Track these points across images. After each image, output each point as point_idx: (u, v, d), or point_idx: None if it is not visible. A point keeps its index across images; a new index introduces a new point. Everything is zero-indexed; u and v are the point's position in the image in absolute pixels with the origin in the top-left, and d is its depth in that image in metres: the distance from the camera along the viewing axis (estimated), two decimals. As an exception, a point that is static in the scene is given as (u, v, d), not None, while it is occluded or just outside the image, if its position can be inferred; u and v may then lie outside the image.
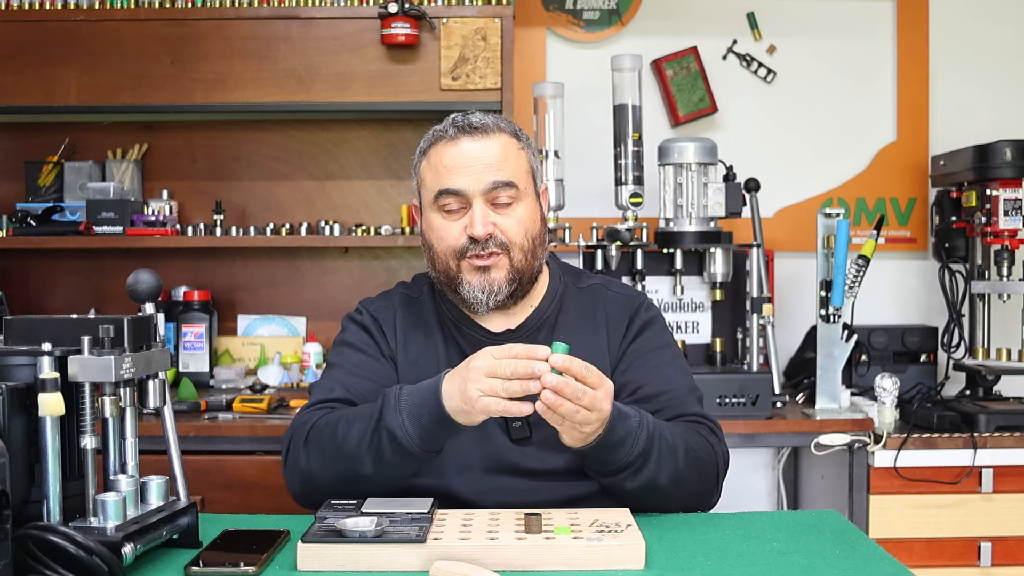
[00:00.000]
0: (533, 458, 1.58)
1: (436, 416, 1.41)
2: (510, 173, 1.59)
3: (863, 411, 2.56)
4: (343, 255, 3.13)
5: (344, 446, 1.47)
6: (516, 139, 1.64)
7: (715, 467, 1.57)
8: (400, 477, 1.49)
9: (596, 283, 1.73)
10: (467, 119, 1.62)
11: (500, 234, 1.58)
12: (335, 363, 1.67)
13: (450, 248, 1.59)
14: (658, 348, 1.67)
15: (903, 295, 3.18)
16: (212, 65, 2.76)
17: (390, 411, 1.44)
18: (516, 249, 1.59)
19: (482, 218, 1.57)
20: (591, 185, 2.94)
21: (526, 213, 1.61)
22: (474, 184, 1.57)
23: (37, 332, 1.30)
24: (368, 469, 1.45)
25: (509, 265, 1.59)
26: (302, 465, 1.52)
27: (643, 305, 1.71)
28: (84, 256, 3.05)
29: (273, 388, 2.81)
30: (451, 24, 2.75)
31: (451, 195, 1.58)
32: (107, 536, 1.17)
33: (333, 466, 1.49)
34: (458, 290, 1.60)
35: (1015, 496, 2.48)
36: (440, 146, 1.61)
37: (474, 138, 1.60)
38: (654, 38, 3.14)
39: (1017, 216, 2.65)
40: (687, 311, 2.86)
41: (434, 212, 1.62)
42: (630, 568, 1.24)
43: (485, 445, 1.58)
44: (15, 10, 2.76)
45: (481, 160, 1.58)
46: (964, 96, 3.17)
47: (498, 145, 1.60)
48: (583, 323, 1.67)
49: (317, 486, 1.51)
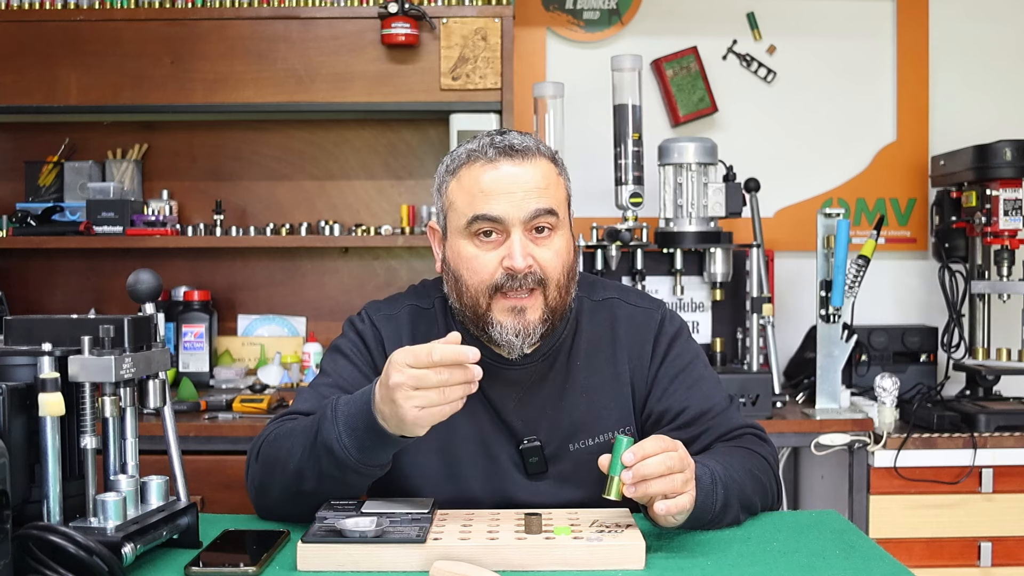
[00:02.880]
0: (546, 493, 1.53)
1: (370, 426, 1.31)
2: (551, 200, 1.47)
3: (863, 411, 2.56)
4: (343, 255, 3.13)
5: (288, 462, 1.40)
6: (555, 164, 1.53)
7: (773, 478, 1.56)
8: (348, 491, 1.40)
9: (612, 296, 1.63)
10: (507, 140, 1.48)
11: (538, 269, 1.46)
12: (325, 371, 1.59)
13: (482, 283, 1.46)
14: (689, 365, 1.60)
15: (903, 295, 3.18)
16: (212, 65, 2.76)
17: (327, 423, 1.35)
18: (552, 286, 1.47)
19: (522, 249, 1.44)
20: (591, 185, 2.93)
21: (563, 245, 1.49)
22: (515, 211, 1.44)
23: (37, 332, 1.30)
24: (311, 484, 1.38)
25: (544, 305, 1.47)
26: (254, 478, 1.48)
27: (665, 319, 1.62)
28: (84, 256, 3.05)
29: (273, 388, 2.81)
30: (451, 24, 2.75)
31: (488, 221, 1.45)
32: (107, 536, 1.17)
33: (279, 481, 1.42)
34: (487, 330, 1.48)
35: (1015, 496, 2.48)
36: (476, 167, 1.48)
37: (515, 161, 1.47)
38: (654, 38, 3.14)
39: (1017, 216, 2.65)
40: (687, 311, 2.86)
41: (465, 239, 1.48)
42: (630, 568, 1.24)
43: (498, 482, 1.53)
44: (15, 10, 2.76)
45: (522, 186, 1.45)
46: (964, 96, 3.17)
47: (540, 171, 1.48)
48: (601, 343, 1.59)
49: (267, 499, 1.47)
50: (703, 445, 1.55)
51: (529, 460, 1.53)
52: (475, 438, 1.54)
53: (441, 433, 1.43)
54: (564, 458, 1.54)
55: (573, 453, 1.55)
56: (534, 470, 1.53)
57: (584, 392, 1.57)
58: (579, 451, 1.55)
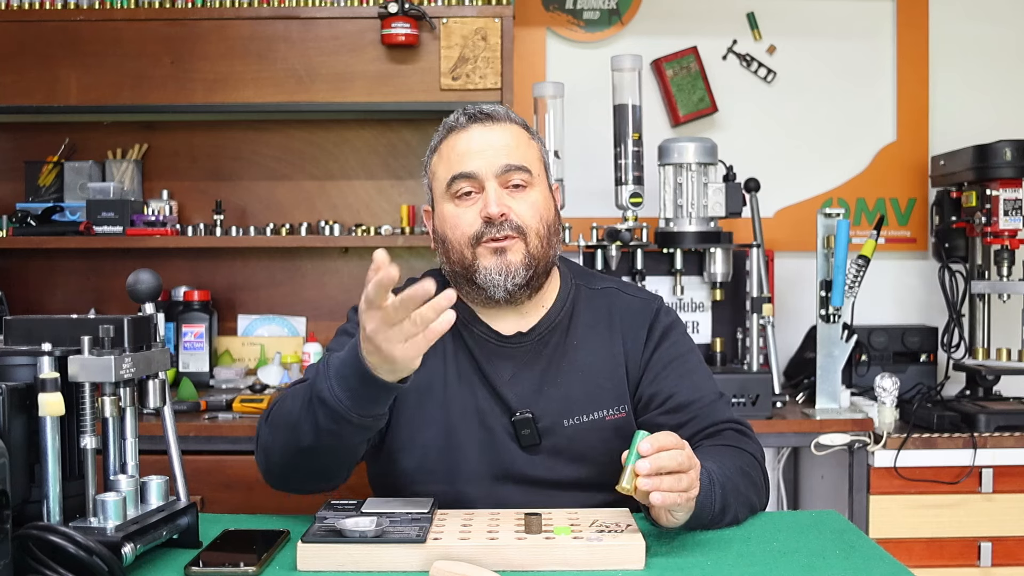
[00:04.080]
0: (541, 467, 1.57)
1: (363, 377, 1.31)
2: (522, 158, 1.59)
3: (863, 411, 2.56)
4: (343, 255, 3.13)
5: (288, 418, 1.43)
6: (526, 131, 1.64)
7: (762, 474, 1.57)
8: (345, 448, 1.42)
9: (610, 286, 1.70)
10: (478, 108, 1.62)
11: (515, 217, 1.56)
12: (331, 349, 1.62)
13: (464, 235, 1.56)
14: (682, 355, 1.65)
15: (903, 295, 3.18)
16: (212, 65, 2.76)
17: (320, 377, 1.37)
18: (532, 234, 1.56)
19: (496, 198, 1.55)
20: (591, 185, 2.93)
21: (540, 199, 1.59)
22: (487, 167, 1.56)
23: (37, 332, 1.30)
24: (308, 439, 1.39)
25: (525, 250, 1.56)
26: (262, 441, 1.50)
27: (661, 310, 1.68)
28: (84, 256, 3.05)
29: (273, 388, 2.80)
30: (451, 24, 2.75)
31: (464, 179, 1.57)
32: (107, 536, 1.17)
33: (281, 439, 1.45)
34: (474, 278, 1.57)
35: (1015, 496, 2.48)
36: (451, 137, 1.61)
37: (486, 126, 1.60)
38: (654, 38, 3.14)
39: (1017, 216, 2.65)
40: (687, 311, 2.86)
41: (447, 202, 1.59)
42: (630, 568, 1.24)
43: (494, 453, 1.57)
44: (15, 10, 2.76)
45: (493, 146, 1.58)
46: (964, 96, 3.17)
47: (510, 133, 1.60)
48: (598, 327, 1.65)
49: (272, 461, 1.49)
50: (688, 434, 1.56)
51: (521, 432, 1.56)
52: (472, 409, 1.58)
53: (440, 404, 1.55)
54: (559, 433, 1.57)
55: (568, 429, 1.58)
56: (527, 442, 1.57)
57: (579, 370, 1.61)
58: (574, 427, 1.58)
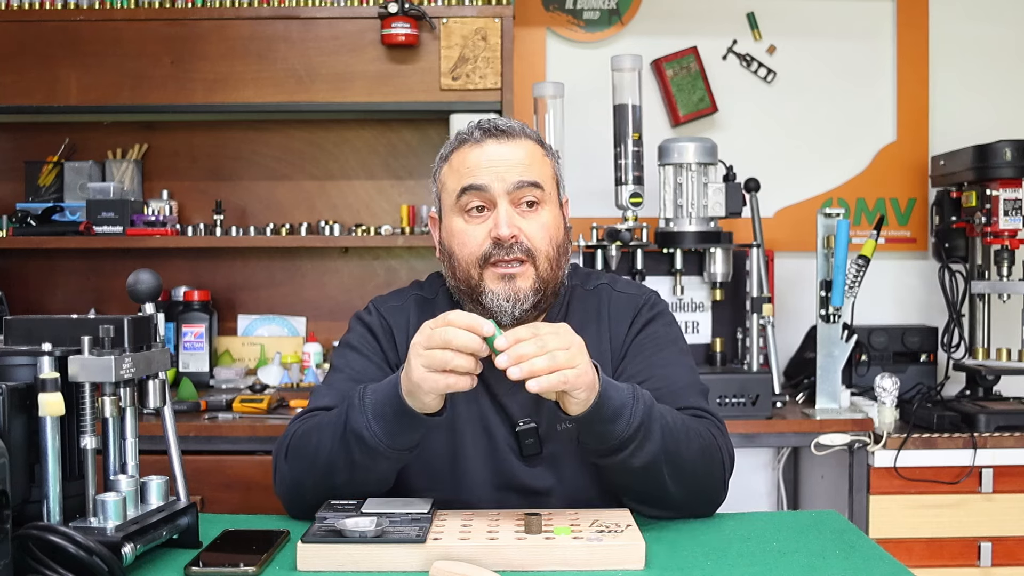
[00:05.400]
0: (541, 477, 1.55)
1: (398, 409, 1.34)
2: (536, 175, 1.55)
3: (863, 411, 2.56)
4: (343, 255, 3.13)
5: (317, 456, 1.42)
6: (540, 146, 1.61)
7: (721, 459, 1.50)
8: (378, 480, 1.43)
9: (603, 283, 1.68)
10: (493, 123, 1.58)
11: (525, 240, 1.51)
12: (336, 367, 1.62)
13: (472, 255, 1.52)
14: (661, 342, 1.61)
15: (903, 295, 3.18)
16: (212, 65, 2.76)
17: (355, 412, 1.38)
18: (541, 257, 1.53)
19: (507, 218, 1.50)
20: (591, 185, 2.94)
21: (550, 219, 1.56)
22: (499, 183, 1.52)
23: (37, 332, 1.30)
24: (343, 476, 1.40)
25: (535, 275, 1.52)
26: (286, 477, 1.48)
27: (648, 303, 1.66)
28: (84, 256, 3.05)
29: (273, 388, 2.81)
30: (451, 24, 2.75)
31: (474, 192, 1.52)
32: (107, 536, 1.17)
33: (311, 477, 1.44)
34: (480, 300, 1.53)
35: (1015, 496, 2.48)
36: (464, 149, 1.57)
37: (500, 141, 1.55)
38: (654, 38, 3.14)
39: (1017, 216, 2.65)
40: (687, 311, 2.86)
41: (456, 215, 1.55)
42: (630, 568, 1.24)
43: (495, 463, 1.55)
44: (15, 10, 2.76)
45: (506, 161, 1.54)
46: (964, 96, 3.17)
47: (524, 149, 1.56)
48: (587, 324, 1.62)
49: (301, 497, 1.47)
50: None
51: (525, 442, 1.54)
52: (476, 418, 1.56)
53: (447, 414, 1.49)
54: (554, 438, 1.55)
55: (561, 433, 1.56)
56: (529, 451, 1.54)
57: None
58: (566, 431, 1.55)
